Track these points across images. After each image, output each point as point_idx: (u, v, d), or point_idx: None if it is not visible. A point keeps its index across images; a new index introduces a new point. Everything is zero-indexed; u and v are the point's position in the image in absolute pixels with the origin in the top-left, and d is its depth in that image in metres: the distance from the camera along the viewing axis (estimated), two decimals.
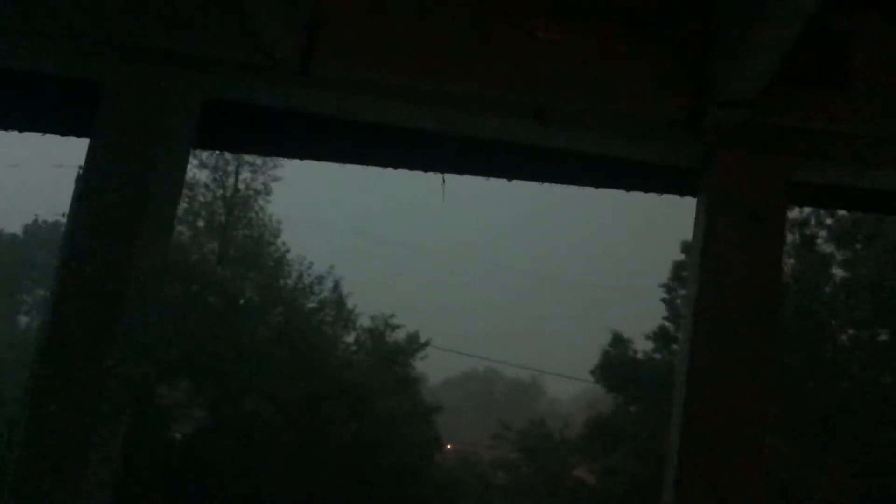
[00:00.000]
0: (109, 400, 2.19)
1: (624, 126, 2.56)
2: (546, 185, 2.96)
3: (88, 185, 2.34)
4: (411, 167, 2.81)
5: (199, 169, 27.86)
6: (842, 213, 20.81)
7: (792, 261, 22.39)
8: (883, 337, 22.06)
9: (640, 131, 2.56)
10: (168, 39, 2.44)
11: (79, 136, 2.52)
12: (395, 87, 2.53)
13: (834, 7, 2.24)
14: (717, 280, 2.35)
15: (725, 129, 2.45)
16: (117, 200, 2.32)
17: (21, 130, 2.58)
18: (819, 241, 23.03)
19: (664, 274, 27.64)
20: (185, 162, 2.58)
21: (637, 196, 2.90)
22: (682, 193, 2.72)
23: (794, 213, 21.53)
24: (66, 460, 2.13)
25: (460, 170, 2.79)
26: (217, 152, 23.22)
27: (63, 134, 2.59)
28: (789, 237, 21.95)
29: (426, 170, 2.81)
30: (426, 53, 2.50)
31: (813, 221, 23.00)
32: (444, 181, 2.80)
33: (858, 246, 22.59)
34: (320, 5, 2.49)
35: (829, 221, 22.99)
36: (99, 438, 2.17)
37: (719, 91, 2.38)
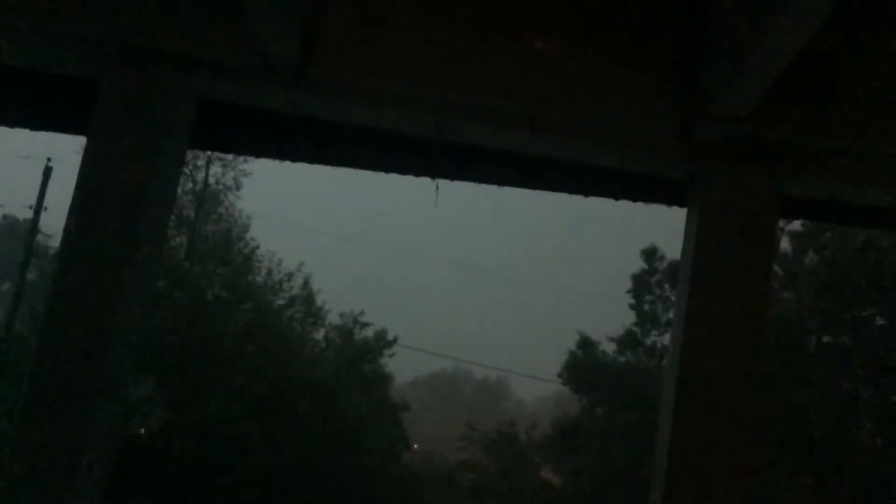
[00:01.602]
0: (105, 399, 2.19)
1: (616, 137, 2.60)
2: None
3: (85, 182, 2.33)
4: (403, 172, 2.84)
5: None
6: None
7: None
8: (844, 339, 22.43)
9: (631, 142, 2.60)
10: (166, 40, 2.45)
11: (75, 133, 2.52)
12: (392, 92, 2.55)
13: (823, 26, 2.29)
14: (706, 290, 2.39)
15: (716, 143, 2.50)
16: (114, 198, 2.32)
17: (17, 126, 2.57)
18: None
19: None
20: (182, 161, 2.59)
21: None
22: (670, 204, 2.77)
23: None
24: (61, 458, 2.12)
25: (452, 176, 2.82)
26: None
27: (59, 131, 2.59)
28: None
29: (418, 175, 2.83)
30: (424, 60, 2.52)
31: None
32: (437, 188, 2.83)
33: (811, 252, 23.03)
34: (318, 10, 2.50)
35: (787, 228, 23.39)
36: (94, 438, 2.17)
37: (711, 105, 2.43)
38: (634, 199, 2.85)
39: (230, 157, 28.05)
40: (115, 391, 2.25)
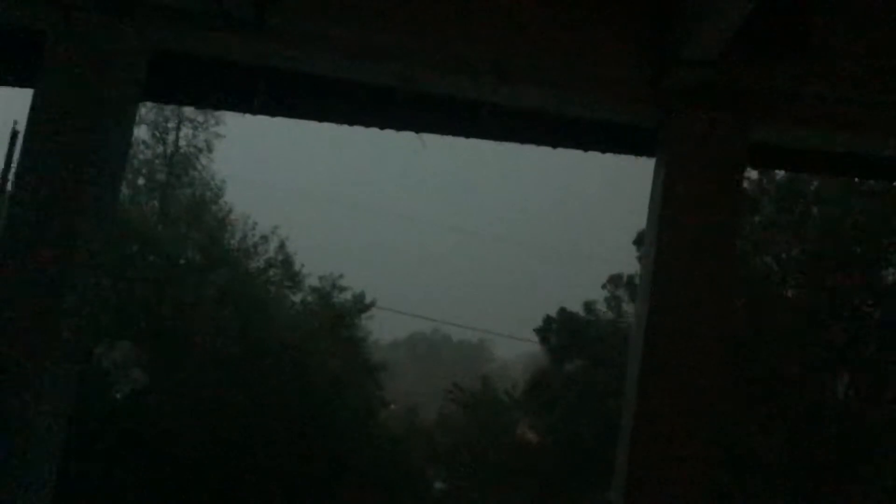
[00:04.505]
0: (55, 378, 2.13)
1: (584, 84, 2.54)
2: (510, 146, 2.94)
3: (33, 137, 2.24)
4: (368, 124, 2.76)
5: (137, 125, 27.12)
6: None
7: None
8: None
9: (600, 89, 2.54)
10: None
11: (23, 86, 2.42)
12: (354, 41, 2.47)
13: None
14: (675, 238, 2.36)
15: (685, 90, 2.45)
16: (63, 152, 2.24)
17: None
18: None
19: (624, 241, 27.75)
20: (134, 113, 2.50)
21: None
22: (639, 154, 2.72)
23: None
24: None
25: (418, 127, 2.75)
26: (157, 107, 22.59)
27: (6, 84, 2.49)
28: None
29: (383, 127, 2.76)
30: (386, 7, 2.45)
31: (759, 188, 23.29)
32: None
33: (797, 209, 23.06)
34: None
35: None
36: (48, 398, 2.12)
37: (680, 51, 2.37)
38: (603, 150, 2.80)
39: (201, 118, 27.60)
40: (73, 349, 2.19)
